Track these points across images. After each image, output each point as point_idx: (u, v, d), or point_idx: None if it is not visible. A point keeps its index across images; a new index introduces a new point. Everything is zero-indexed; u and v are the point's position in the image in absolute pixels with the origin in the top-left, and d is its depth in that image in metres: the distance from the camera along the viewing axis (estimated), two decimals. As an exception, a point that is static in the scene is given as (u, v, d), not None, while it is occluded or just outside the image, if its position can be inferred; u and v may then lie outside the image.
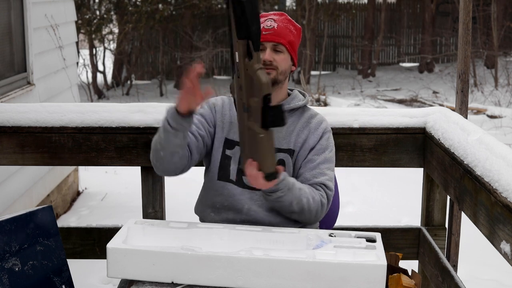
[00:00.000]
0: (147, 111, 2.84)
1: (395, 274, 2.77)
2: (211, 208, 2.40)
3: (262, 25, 2.27)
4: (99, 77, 14.72)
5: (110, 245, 2.01)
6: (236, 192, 2.35)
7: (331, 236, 2.15)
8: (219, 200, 2.37)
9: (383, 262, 1.95)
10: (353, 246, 2.08)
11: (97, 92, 13.72)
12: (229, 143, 2.37)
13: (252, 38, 1.99)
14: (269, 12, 2.40)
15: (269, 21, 2.34)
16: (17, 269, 2.25)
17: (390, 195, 5.95)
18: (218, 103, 2.46)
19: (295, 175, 2.37)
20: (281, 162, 2.35)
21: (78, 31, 11.77)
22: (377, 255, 2.00)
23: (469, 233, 3.36)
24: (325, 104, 11.31)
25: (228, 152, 2.37)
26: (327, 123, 2.45)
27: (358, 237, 2.13)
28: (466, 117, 3.17)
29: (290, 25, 2.37)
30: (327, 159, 2.38)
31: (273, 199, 2.20)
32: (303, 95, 2.49)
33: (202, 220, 2.47)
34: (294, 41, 2.37)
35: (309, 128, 2.40)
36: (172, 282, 1.97)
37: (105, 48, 14.67)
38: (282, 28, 2.33)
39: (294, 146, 2.37)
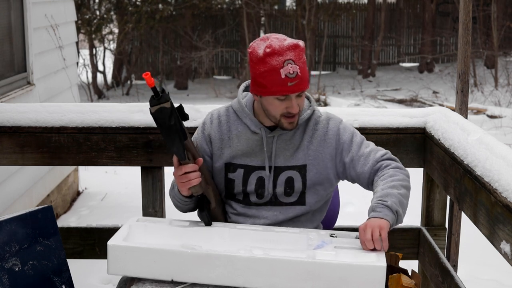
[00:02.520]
0: (147, 111, 2.84)
1: (395, 274, 2.77)
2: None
3: (282, 71, 2.10)
4: (99, 77, 14.72)
5: (110, 242, 2.01)
6: (241, 211, 2.33)
7: (332, 236, 2.15)
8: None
9: (383, 263, 1.95)
10: (354, 247, 2.07)
11: (97, 92, 13.72)
12: (229, 167, 2.31)
13: (176, 154, 2.11)
14: (282, 44, 2.13)
15: (289, 64, 2.10)
16: (17, 269, 2.25)
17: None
18: (213, 130, 2.33)
19: (307, 187, 2.30)
20: (290, 180, 2.28)
21: (78, 31, 11.76)
22: (377, 256, 2.00)
23: (469, 233, 3.35)
24: (325, 104, 11.31)
25: (230, 175, 2.31)
26: (334, 119, 2.34)
27: (358, 238, 2.13)
28: (466, 117, 3.16)
29: (303, 54, 2.16)
30: (359, 142, 2.31)
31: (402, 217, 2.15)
32: (307, 98, 2.35)
33: None
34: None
35: (317, 138, 2.29)
36: (172, 280, 1.97)
37: (105, 48, 14.67)
38: (302, 69, 2.13)
39: (305, 161, 2.28)
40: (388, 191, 2.13)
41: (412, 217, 4.33)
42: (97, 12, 14.20)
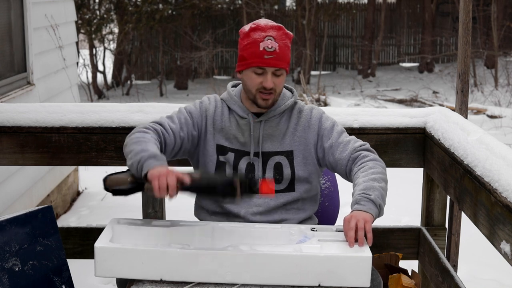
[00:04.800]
0: (147, 111, 2.84)
1: (395, 274, 2.77)
2: (209, 213, 2.41)
3: (261, 44, 2.23)
4: (99, 77, 14.72)
5: (98, 244, 1.99)
6: (232, 200, 2.34)
7: (313, 230, 2.18)
8: (215, 206, 2.38)
9: (368, 253, 1.98)
10: (336, 239, 2.10)
11: (97, 92, 13.72)
12: (221, 149, 2.35)
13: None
14: (267, 23, 2.29)
15: (269, 40, 2.24)
16: (17, 269, 2.25)
17: (390, 195, 5.91)
18: (210, 108, 2.40)
19: (295, 173, 2.35)
20: (278, 165, 2.34)
21: (78, 31, 11.77)
22: (361, 247, 2.03)
23: (469, 233, 3.36)
24: (325, 104, 11.31)
25: (221, 158, 2.35)
26: (316, 108, 2.44)
27: (338, 231, 2.16)
28: (466, 117, 3.16)
29: (287, 40, 2.30)
30: (340, 131, 2.39)
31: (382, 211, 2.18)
32: (290, 90, 2.46)
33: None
34: (290, 57, 2.34)
35: (301, 125, 2.38)
36: (161, 280, 1.97)
37: (105, 48, 14.67)
38: (282, 48, 2.26)
39: (292, 146, 2.36)
40: (370, 184, 2.17)
41: (412, 217, 4.33)
42: (97, 12, 14.20)
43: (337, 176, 2.78)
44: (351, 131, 2.83)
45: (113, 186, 2.12)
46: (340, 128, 2.41)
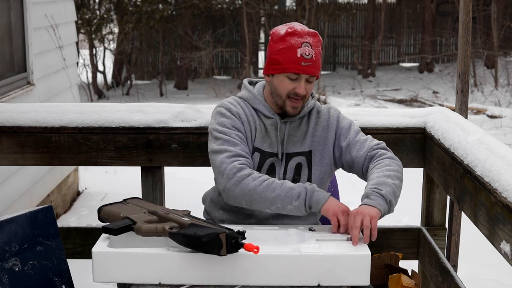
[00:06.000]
0: (147, 111, 2.84)
1: (395, 274, 2.77)
2: (221, 207, 2.41)
3: (299, 50, 2.22)
4: (99, 77, 14.72)
5: (95, 249, 1.98)
6: None
7: (311, 230, 2.18)
8: (232, 205, 2.36)
9: (367, 251, 1.98)
10: (335, 238, 2.10)
11: (97, 92, 13.72)
12: (254, 151, 2.34)
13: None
14: (303, 28, 2.28)
15: (307, 46, 2.24)
16: (17, 269, 2.25)
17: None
18: (240, 112, 2.36)
19: (311, 173, 2.36)
20: (298, 166, 2.36)
21: (78, 31, 11.77)
22: (360, 246, 2.03)
23: (469, 233, 3.36)
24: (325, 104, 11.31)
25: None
26: (333, 108, 2.46)
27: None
28: (466, 117, 3.16)
29: (320, 46, 2.31)
30: (357, 130, 2.41)
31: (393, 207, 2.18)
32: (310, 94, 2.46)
33: (207, 211, 2.49)
34: None
35: (321, 125, 2.40)
36: (159, 283, 1.96)
37: (105, 48, 14.67)
38: (317, 55, 2.27)
39: (311, 146, 2.38)
40: (383, 179, 2.18)
41: (412, 217, 4.33)
42: (97, 12, 14.19)
43: (337, 176, 2.78)
44: (351, 131, 2.83)
45: (105, 220, 2.13)
46: (356, 128, 2.43)
